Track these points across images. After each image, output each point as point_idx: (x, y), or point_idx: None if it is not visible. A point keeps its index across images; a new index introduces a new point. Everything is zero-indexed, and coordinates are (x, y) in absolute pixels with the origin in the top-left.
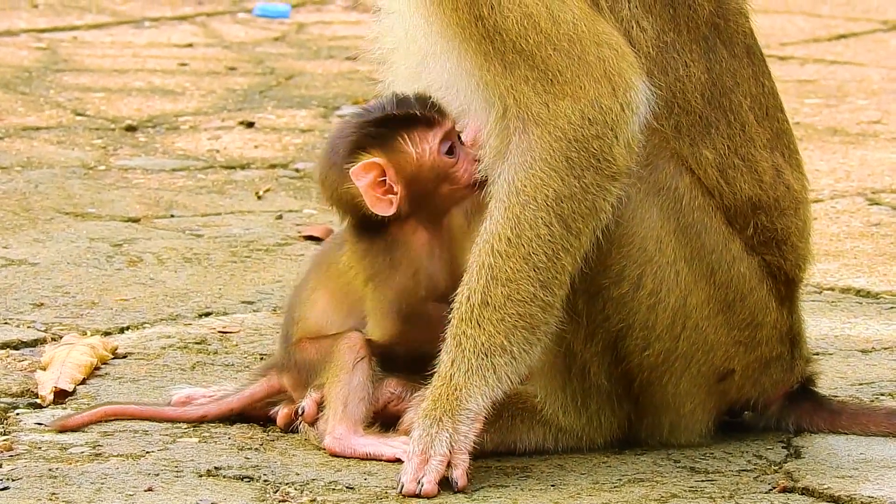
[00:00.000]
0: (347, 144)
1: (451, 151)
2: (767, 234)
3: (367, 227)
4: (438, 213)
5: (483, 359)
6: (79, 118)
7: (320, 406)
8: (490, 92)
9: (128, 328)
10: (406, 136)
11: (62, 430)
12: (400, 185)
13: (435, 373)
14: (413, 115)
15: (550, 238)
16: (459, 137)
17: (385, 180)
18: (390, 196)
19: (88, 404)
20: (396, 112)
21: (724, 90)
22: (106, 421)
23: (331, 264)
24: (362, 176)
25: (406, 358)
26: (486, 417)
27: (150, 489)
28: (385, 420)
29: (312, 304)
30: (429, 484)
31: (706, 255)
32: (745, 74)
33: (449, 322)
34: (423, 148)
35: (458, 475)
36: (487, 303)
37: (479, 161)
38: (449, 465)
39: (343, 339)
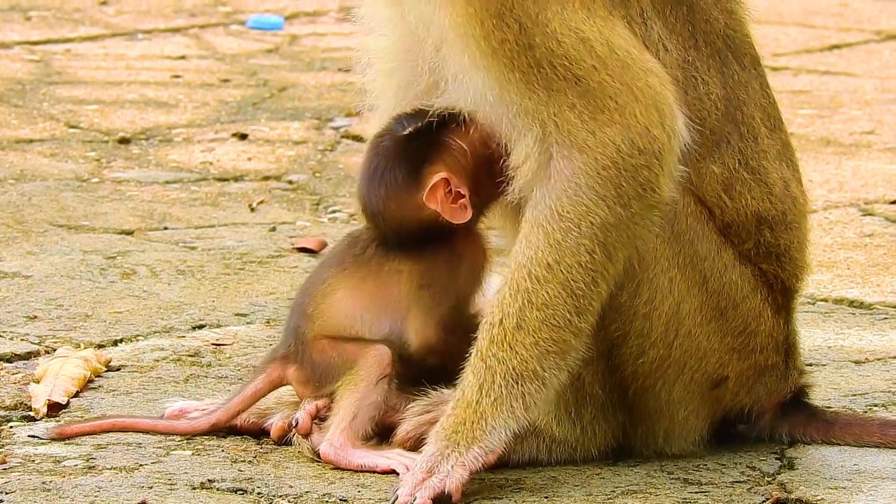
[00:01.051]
0: (405, 165)
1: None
2: (769, 248)
3: (431, 237)
4: (491, 203)
5: (514, 386)
6: (72, 130)
7: (314, 418)
8: (530, 118)
9: (121, 341)
10: (450, 136)
11: (60, 438)
12: (464, 186)
13: (458, 393)
14: (445, 115)
15: (591, 265)
16: None
17: (451, 189)
18: (461, 201)
19: (82, 417)
20: (429, 119)
21: (737, 103)
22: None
23: (361, 266)
24: (434, 197)
25: (431, 368)
26: (502, 453)
27: (143, 502)
28: (379, 430)
29: (335, 303)
30: (422, 499)
31: (699, 262)
32: (755, 86)
33: (475, 345)
34: (470, 139)
35: (453, 488)
36: (521, 326)
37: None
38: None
39: (372, 351)
